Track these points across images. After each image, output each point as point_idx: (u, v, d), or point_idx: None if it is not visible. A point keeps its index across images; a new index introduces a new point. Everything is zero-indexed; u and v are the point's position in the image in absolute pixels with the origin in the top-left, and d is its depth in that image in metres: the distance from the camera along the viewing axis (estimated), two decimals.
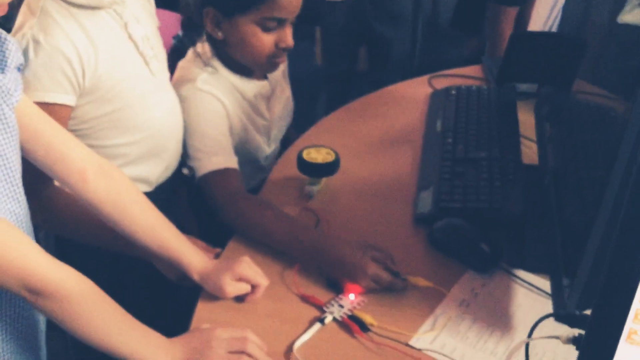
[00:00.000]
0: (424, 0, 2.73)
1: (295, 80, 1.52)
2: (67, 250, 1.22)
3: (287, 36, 1.22)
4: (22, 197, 0.93)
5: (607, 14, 1.16)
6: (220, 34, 1.22)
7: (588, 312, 0.80)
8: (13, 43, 0.90)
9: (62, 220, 1.12)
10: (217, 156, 1.20)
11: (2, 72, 0.88)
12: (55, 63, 1.02)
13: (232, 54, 1.26)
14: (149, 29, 1.18)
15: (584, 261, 0.83)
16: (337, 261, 1.02)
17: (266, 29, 1.20)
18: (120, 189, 1.01)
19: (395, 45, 2.45)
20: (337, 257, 1.02)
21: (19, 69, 0.92)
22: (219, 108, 1.24)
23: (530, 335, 0.79)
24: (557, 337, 0.72)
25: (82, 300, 0.84)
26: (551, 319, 0.90)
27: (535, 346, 0.91)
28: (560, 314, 0.80)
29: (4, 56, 0.89)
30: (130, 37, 1.12)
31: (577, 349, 0.66)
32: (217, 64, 1.27)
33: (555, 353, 0.91)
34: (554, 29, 1.81)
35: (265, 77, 1.32)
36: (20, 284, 0.80)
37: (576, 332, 0.69)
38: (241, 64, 1.27)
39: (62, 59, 1.02)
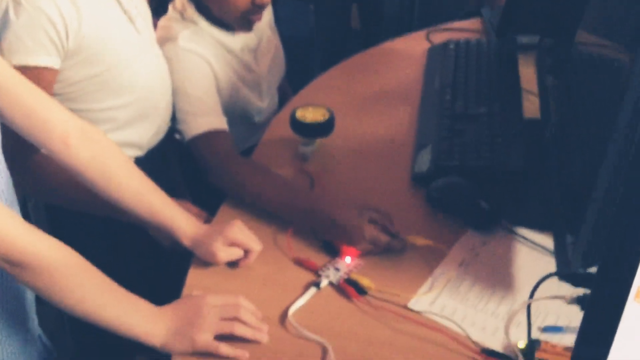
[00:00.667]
0: None
1: (290, 40, 1.47)
2: (58, 219, 1.20)
3: None
4: (2, 166, 0.89)
5: None
6: None
7: (592, 270, 0.77)
8: None
9: (50, 187, 1.08)
10: (204, 117, 1.16)
11: None
12: (37, 24, 0.98)
13: (208, 4, 1.21)
14: None
15: (587, 217, 0.80)
16: (332, 224, 0.99)
17: None
18: (105, 153, 0.97)
19: (388, 1, 2.38)
20: (333, 219, 0.99)
21: None
22: (203, 66, 1.20)
23: (532, 296, 0.76)
24: (561, 297, 0.69)
25: (64, 271, 0.80)
26: (554, 278, 0.87)
27: (538, 306, 0.88)
28: (564, 273, 0.76)
29: None
30: None
31: (581, 309, 0.63)
32: (197, 18, 1.22)
33: (558, 313, 0.88)
34: None
35: (250, 29, 1.26)
36: None
37: (580, 291, 0.66)
38: None
39: (44, 19, 0.98)
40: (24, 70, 0.95)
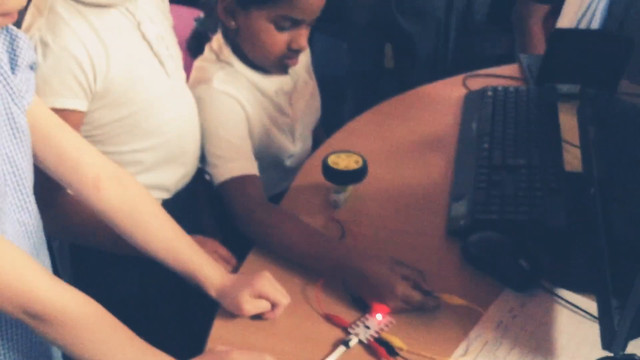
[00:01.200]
0: None
1: (323, 78, 1.45)
2: (82, 260, 1.18)
3: (301, 38, 1.15)
4: (33, 207, 0.88)
5: None
6: (233, 23, 1.16)
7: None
8: (24, 40, 0.85)
9: (77, 228, 1.07)
10: (235, 162, 1.13)
11: (13, 72, 0.83)
12: (64, 66, 0.96)
13: (242, 47, 1.19)
14: (163, 27, 1.12)
15: (637, 281, 0.75)
16: (363, 279, 0.95)
17: (280, 28, 1.13)
18: (135, 197, 0.96)
19: (422, 42, 2.36)
20: (364, 274, 0.95)
21: (31, 68, 0.87)
22: (237, 110, 1.18)
23: None
24: None
25: (87, 325, 0.78)
26: (594, 340, 0.82)
27: None
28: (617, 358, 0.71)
29: (14, 55, 0.83)
30: (143, 36, 1.06)
31: None
32: (233, 59, 1.20)
33: None
34: (583, 26, 1.71)
35: (286, 72, 1.24)
36: (19, 308, 0.74)
37: None
38: None
39: (71, 61, 0.97)
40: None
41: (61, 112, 0.96)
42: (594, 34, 1.49)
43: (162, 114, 1.10)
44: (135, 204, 0.96)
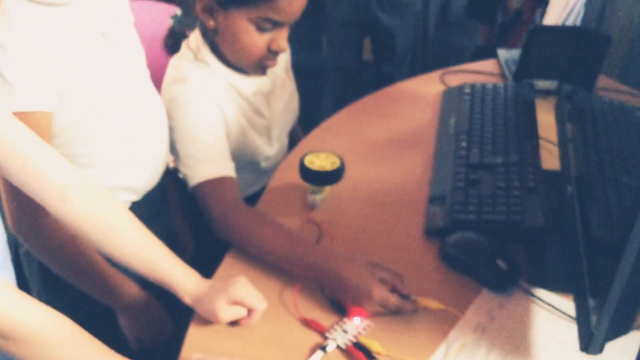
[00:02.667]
0: None
1: (301, 71, 1.43)
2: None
3: (282, 39, 1.13)
4: None
5: (637, 8, 1.07)
6: (212, 23, 1.13)
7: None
8: None
9: (55, 252, 1.03)
10: (211, 163, 1.11)
11: None
12: (25, 67, 0.92)
13: (221, 47, 1.17)
14: (123, 24, 1.09)
15: (615, 283, 0.75)
16: (340, 282, 0.94)
17: (261, 29, 1.11)
18: (103, 207, 0.93)
19: (401, 35, 2.35)
20: (341, 277, 0.94)
21: None
22: (214, 110, 1.15)
23: None
24: None
25: (57, 342, 0.75)
26: (573, 341, 0.82)
27: None
28: None
29: None
30: (103, 34, 1.03)
31: None
32: (211, 59, 1.17)
33: None
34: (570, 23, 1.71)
35: (264, 73, 1.22)
36: None
37: None
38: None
39: (32, 61, 0.92)
40: (19, 116, 0.89)
41: (29, 115, 0.92)
42: (571, 30, 1.48)
43: (126, 112, 1.06)
44: (104, 213, 0.93)
